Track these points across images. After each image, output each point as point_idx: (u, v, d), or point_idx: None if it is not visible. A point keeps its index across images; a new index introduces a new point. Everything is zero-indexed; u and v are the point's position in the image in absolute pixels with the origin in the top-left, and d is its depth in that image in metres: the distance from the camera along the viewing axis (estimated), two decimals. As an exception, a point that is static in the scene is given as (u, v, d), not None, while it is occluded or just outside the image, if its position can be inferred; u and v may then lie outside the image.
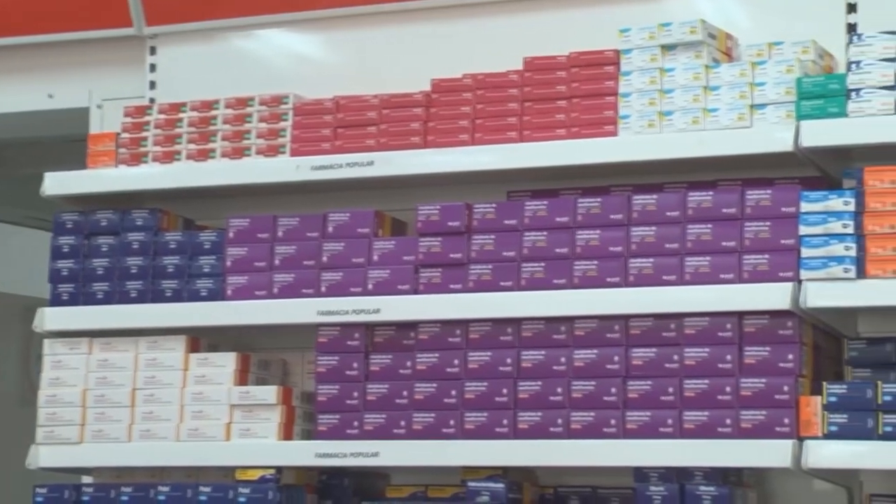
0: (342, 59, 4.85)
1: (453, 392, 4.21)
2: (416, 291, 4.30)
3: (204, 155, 4.63)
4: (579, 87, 4.22)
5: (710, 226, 4.04)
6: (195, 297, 4.52)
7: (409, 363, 4.29)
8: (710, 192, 4.07)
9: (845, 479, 4.08)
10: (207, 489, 4.38)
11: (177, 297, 4.54)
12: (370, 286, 4.34)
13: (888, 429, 3.79)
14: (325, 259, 4.41)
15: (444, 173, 4.36)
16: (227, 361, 4.50)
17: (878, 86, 3.93)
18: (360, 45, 4.81)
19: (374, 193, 4.59)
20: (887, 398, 3.81)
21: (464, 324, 4.24)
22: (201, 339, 4.59)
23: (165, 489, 4.43)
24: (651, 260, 4.08)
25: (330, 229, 4.44)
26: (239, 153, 4.59)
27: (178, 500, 4.40)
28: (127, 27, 5.04)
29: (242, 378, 4.50)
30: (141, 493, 4.45)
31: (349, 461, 4.28)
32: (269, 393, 4.43)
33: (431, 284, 4.28)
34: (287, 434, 4.41)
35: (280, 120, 4.56)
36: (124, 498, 4.46)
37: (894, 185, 3.90)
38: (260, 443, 4.40)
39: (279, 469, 4.35)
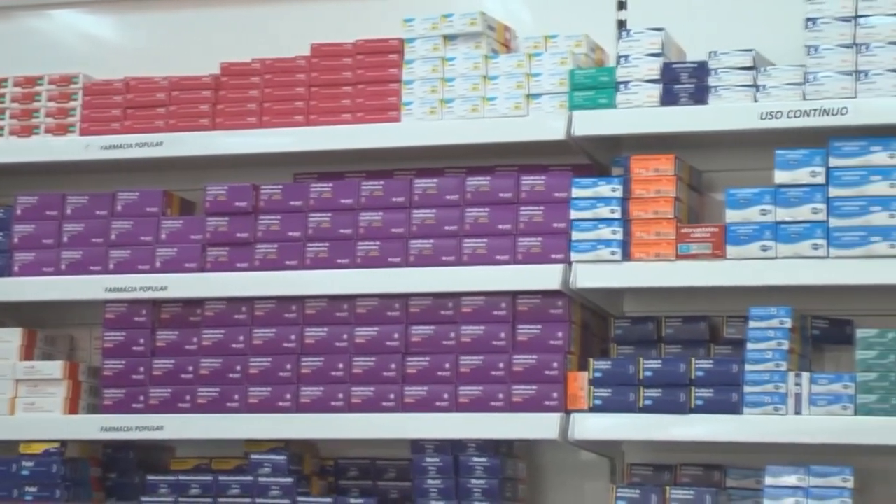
0: (133, 40, 4.89)
1: (238, 367, 4.31)
2: (202, 269, 4.38)
3: (-8, 132, 4.64)
4: (364, 74, 4.35)
5: (487, 209, 4.21)
6: (-19, 273, 4.54)
7: (195, 339, 4.37)
8: (488, 178, 4.24)
9: (608, 449, 4.28)
10: (-10, 463, 4.40)
11: (-37, 272, 4.55)
12: (158, 264, 4.41)
13: (648, 402, 4.00)
14: (113, 237, 4.47)
15: (232, 155, 4.45)
16: (12, 337, 4.52)
17: (644, 79, 4.13)
18: (150, 28, 4.87)
19: (163, 174, 4.66)
20: (648, 373, 4.02)
21: (249, 301, 4.35)
22: (-13, 315, 4.61)
23: (-52, 463, 4.43)
24: (430, 241, 4.22)
25: (119, 208, 4.49)
26: (27, 131, 4.61)
27: (-40, 475, 4.41)
28: (-88, 2, 5.01)
29: (28, 353, 4.53)
30: (-78, 468, 4.44)
31: (134, 434, 4.34)
32: (55, 368, 4.46)
33: (218, 263, 4.37)
34: (72, 408, 4.45)
35: (70, 99, 4.59)
36: None
37: (658, 173, 4.11)
38: (44, 417, 4.43)
39: (63, 443, 4.40)
